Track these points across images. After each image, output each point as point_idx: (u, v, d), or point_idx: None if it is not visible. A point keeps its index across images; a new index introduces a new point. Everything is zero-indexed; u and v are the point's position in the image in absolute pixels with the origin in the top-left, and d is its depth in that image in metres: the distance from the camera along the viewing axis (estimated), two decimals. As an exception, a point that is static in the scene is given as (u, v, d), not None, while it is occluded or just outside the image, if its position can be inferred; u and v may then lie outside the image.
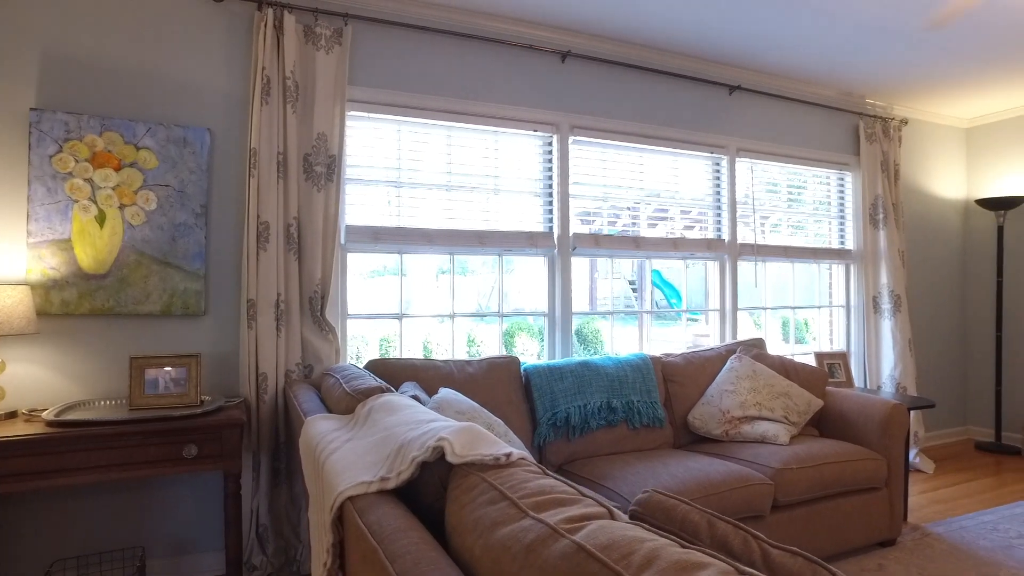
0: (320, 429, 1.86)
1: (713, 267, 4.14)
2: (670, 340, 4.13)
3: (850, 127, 4.70)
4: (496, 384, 2.89)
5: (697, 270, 4.33)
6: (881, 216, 4.59)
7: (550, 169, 3.53)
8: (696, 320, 4.62)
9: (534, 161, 3.50)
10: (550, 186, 3.53)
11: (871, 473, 3.00)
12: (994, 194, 5.13)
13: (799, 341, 4.79)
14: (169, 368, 2.47)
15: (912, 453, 4.44)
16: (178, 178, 2.74)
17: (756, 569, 0.87)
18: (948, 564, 2.92)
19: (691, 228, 4.01)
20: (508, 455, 1.21)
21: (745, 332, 4.50)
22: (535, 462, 1.21)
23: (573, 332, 3.58)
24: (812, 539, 2.83)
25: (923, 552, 3.06)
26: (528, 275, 3.53)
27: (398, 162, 3.20)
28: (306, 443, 1.88)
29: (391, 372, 2.81)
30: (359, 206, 3.12)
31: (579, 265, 3.88)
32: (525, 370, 3.02)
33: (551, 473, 1.15)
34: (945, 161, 5.26)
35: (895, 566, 2.92)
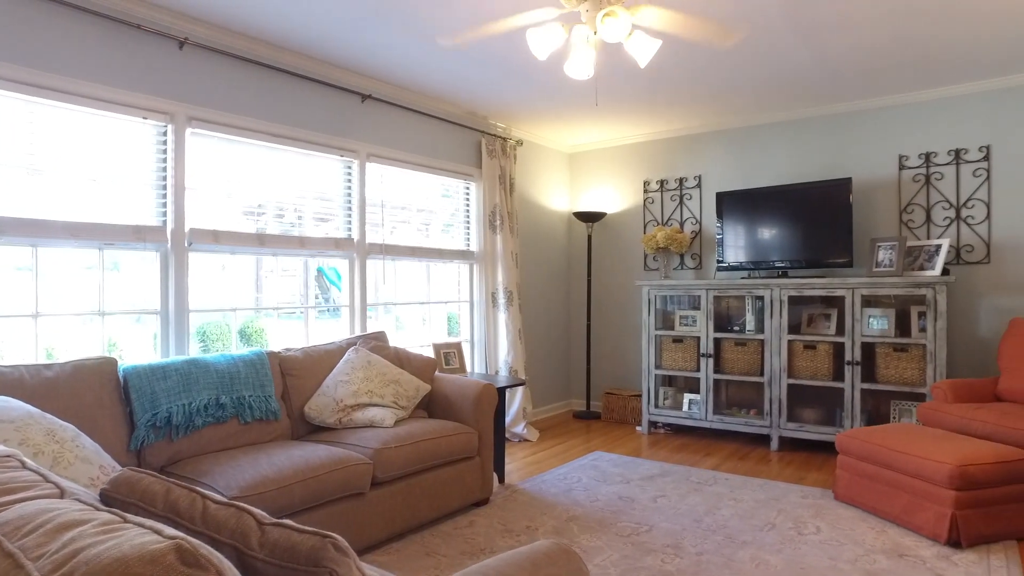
0: None
1: (343, 264, 4.35)
2: (332, 334, 4.27)
3: (474, 142, 5.35)
4: (83, 388, 2.67)
5: (374, 268, 4.52)
6: (499, 222, 5.32)
7: (164, 160, 3.35)
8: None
9: (148, 150, 3.29)
10: (164, 177, 3.35)
11: (464, 445, 3.48)
12: (586, 209, 6.32)
13: (454, 333, 5.35)
14: None
15: (521, 426, 5.23)
16: None
17: (195, 522, 1.01)
18: (524, 512, 3.55)
19: (323, 226, 4.16)
20: (-13, 454, 1.18)
21: (412, 328, 4.91)
22: (21, 457, 1.20)
23: (198, 331, 3.45)
24: (412, 508, 3.19)
25: (508, 506, 3.66)
26: (204, 270, 3.41)
27: (-41, 137, 2.74)
28: None
29: (-62, 382, 2.41)
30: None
31: (246, 263, 3.83)
32: (124, 371, 2.84)
33: (33, 467, 1.16)
34: (553, 179, 6.30)
35: (484, 520, 3.45)
